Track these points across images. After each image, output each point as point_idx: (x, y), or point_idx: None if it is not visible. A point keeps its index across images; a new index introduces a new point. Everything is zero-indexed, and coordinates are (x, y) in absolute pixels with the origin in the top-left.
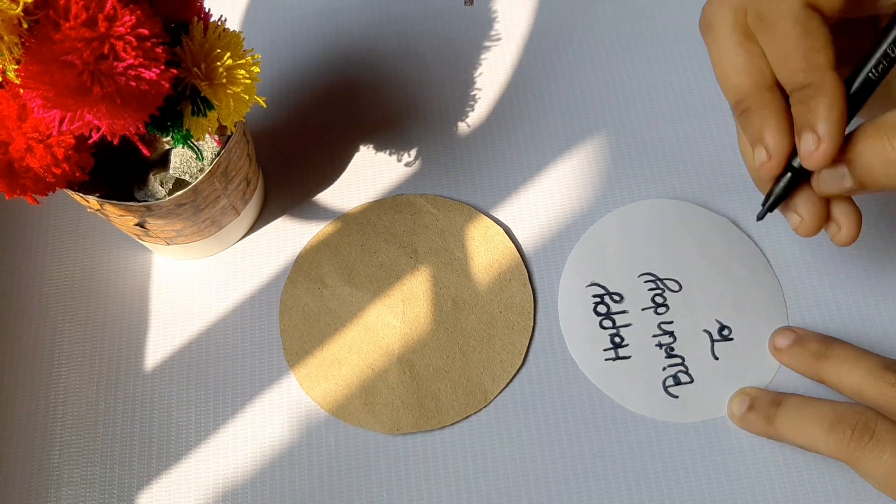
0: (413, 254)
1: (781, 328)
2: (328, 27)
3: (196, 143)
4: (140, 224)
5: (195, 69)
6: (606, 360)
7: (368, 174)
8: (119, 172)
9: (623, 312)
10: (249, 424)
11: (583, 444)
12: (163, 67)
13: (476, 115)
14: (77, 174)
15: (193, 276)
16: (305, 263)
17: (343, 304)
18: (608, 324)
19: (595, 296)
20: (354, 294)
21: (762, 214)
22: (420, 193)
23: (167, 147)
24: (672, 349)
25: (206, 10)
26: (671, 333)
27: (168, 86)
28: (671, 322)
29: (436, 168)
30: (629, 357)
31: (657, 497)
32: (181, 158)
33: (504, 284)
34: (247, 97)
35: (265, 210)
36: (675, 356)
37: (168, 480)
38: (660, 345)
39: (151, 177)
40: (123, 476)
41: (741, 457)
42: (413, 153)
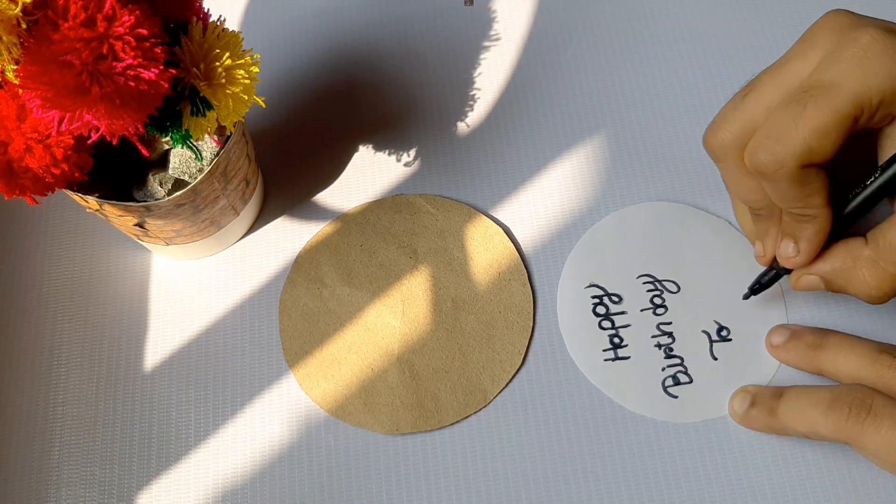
0: (412, 254)
1: (777, 326)
2: (328, 27)
3: (195, 144)
4: (139, 224)
5: (194, 69)
6: (606, 361)
7: (368, 174)
8: (118, 173)
9: (622, 313)
10: (249, 424)
11: (583, 444)
12: (162, 67)
13: (476, 115)
14: (76, 174)
15: (193, 276)
16: (305, 263)
17: (342, 305)
18: (607, 324)
19: (594, 297)
20: (354, 294)
21: (747, 296)
22: (420, 193)
23: (166, 147)
24: (671, 350)
25: (205, 10)
26: (670, 334)
27: (167, 86)
28: (670, 323)
29: (435, 168)
30: (628, 357)
31: (657, 497)
32: (180, 159)
33: (503, 284)
34: (246, 97)
35: (265, 210)
36: (675, 356)
37: (168, 480)
38: (659, 345)
39: (150, 177)
40: (123, 476)
41: (741, 457)
42: (413, 153)
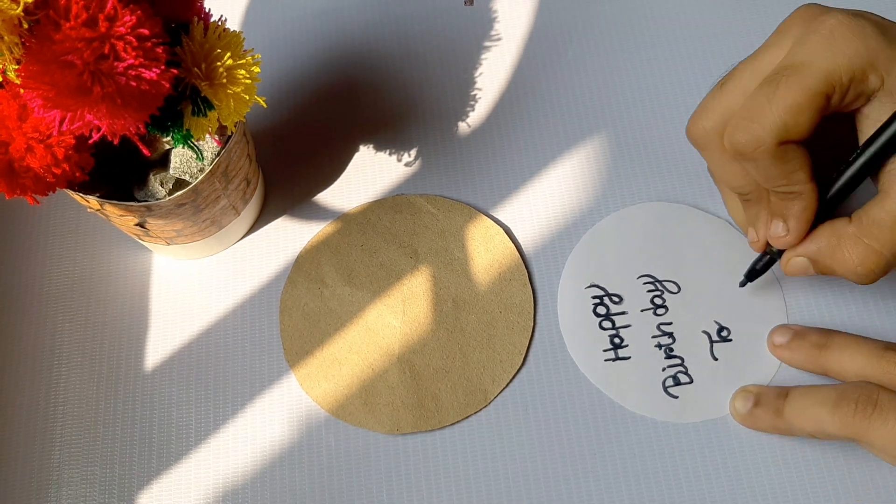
0: (413, 254)
1: (779, 326)
2: (328, 27)
3: (196, 143)
4: (140, 224)
5: (195, 69)
6: (606, 361)
7: (368, 174)
8: (119, 172)
9: (622, 314)
10: (249, 424)
11: (583, 444)
12: (163, 67)
13: (476, 115)
14: (77, 174)
15: (193, 276)
16: (305, 263)
17: (343, 304)
18: (608, 325)
19: (595, 297)
20: (354, 294)
21: (743, 283)
22: (420, 193)
23: (167, 147)
24: (671, 350)
25: (207, 10)
26: (670, 334)
27: (168, 86)
28: (670, 323)
29: (436, 168)
30: (629, 358)
31: (657, 497)
32: (181, 158)
33: (504, 285)
34: (247, 97)
35: (265, 210)
36: (675, 357)
37: (168, 480)
38: (659, 345)
39: (151, 177)
40: (123, 476)
41: (741, 457)
42: (413, 153)
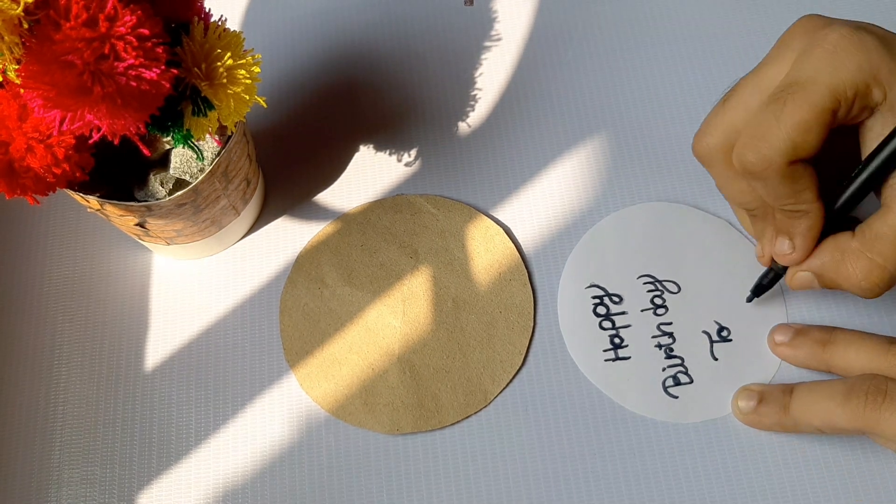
0: (413, 254)
1: (779, 325)
2: (328, 27)
3: (196, 143)
4: (140, 224)
5: (195, 69)
6: (606, 361)
7: (368, 174)
8: (119, 172)
9: (622, 314)
10: (249, 424)
11: (583, 444)
12: (163, 67)
13: (476, 115)
14: (77, 174)
15: (193, 276)
16: (305, 263)
17: (343, 305)
18: (608, 325)
19: (595, 297)
20: (354, 294)
21: (750, 299)
22: (420, 193)
23: (167, 147)
24: (671, 350)
25: (207, 10)
26: (670, 334)
27: (168, 86)
28: (670, 323)
29: (436, 168)
30: (629, 358)
31: (657, 497)
32: (181, 158)
33: (504, 285)
34: (247, 97)
35: (265, 210)
36: (675, 357)
37: (168, 480)
38: (659, 345)
39: (152, 177)
40: (123, 476)
41: (741, 457)
42: (413, 153)
